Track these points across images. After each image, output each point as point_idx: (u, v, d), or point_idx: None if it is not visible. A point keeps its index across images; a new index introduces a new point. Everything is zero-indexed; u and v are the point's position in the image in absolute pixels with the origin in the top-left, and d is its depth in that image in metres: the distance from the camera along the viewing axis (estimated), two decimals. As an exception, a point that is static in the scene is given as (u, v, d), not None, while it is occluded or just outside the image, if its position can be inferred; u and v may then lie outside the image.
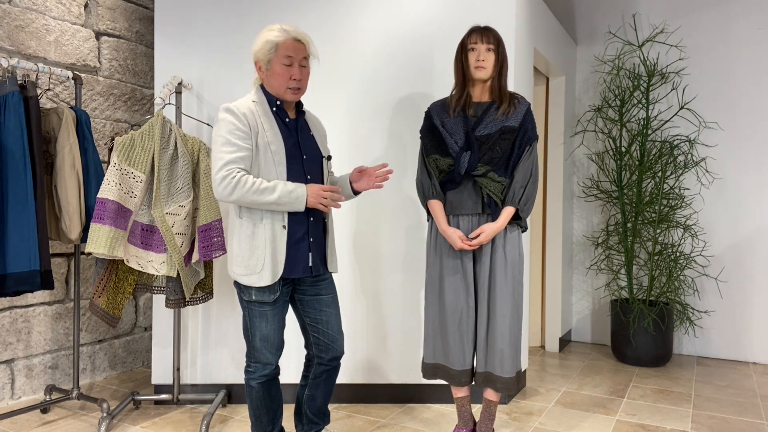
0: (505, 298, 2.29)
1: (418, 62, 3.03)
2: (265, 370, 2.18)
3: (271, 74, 2.09)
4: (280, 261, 2.07)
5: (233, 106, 2.05)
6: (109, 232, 2.49)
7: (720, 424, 2.88)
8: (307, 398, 2.33)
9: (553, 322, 4.27)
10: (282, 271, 2.08)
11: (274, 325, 2.14)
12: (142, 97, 3.79)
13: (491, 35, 2.29)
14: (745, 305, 4.04)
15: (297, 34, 2.08)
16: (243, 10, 3.04)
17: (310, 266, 2.16)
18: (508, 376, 2.29)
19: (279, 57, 2.06)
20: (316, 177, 2.19)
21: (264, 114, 2.09)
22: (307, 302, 2.24)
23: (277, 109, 2.14)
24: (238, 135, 2.01)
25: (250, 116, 2.05)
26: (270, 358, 2.17)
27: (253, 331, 2.15)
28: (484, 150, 2.27)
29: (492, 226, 2.27)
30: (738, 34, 4.03)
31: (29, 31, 3.13)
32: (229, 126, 2.01)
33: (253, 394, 2.20)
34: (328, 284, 2.27)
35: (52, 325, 3.26)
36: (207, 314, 3.09)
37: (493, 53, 2.28)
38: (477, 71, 2.28)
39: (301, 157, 2.14)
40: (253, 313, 2.13)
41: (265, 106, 2.11)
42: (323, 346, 2.27)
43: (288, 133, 2.13)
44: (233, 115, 2.02)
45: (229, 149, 1.99)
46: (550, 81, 4.28)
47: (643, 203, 4.01)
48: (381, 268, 3.05)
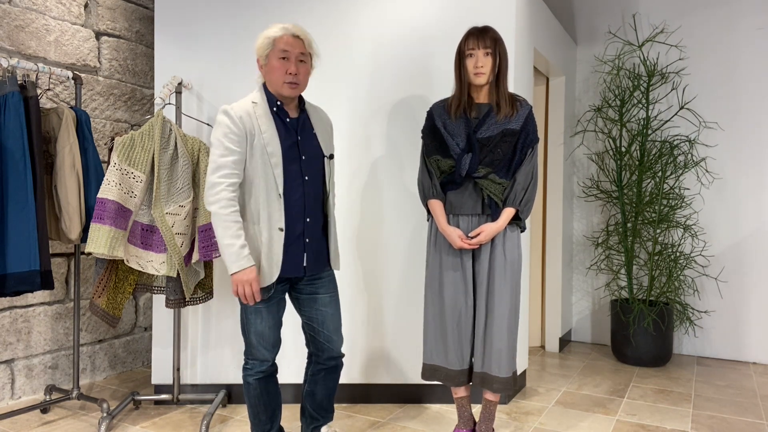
0: (503, 297, 2.29)
1: (417, 62, 3.02)
2: (262, 366, 2.21)
3: (269, 69, 2.11)
4: (276, 262, 2.09)
5: (230, 108, 2.07)
6: (109, 232, 2.49)
7: (720, 424, 2.88)
8: (307, 394, 2.38)
9: (553, 322, 4.27)
10: (278, 272, 2.10)
11: (269, 322, 2.17)
12: (142, 97, 3.79)
13: (488, 38, 2.26)
14: (745, 305, 4.04)
15: (296, 31, 2.11)
16: (243, 10, 3.04)
17: (304, 266, 2.18)
18: (504, 376, 2.29)
19: (276, 51, 2.09)
20: (314, 177, 2.19)
21: (263, 115, 2.10)
22: (303, 300, 2.27)
23: (278, 110, 2.15)
24: (231, 138, 2.04)
25: (246, 119, 2.07)
26: (265, 355, 2.20)
27: (248, 328, 2.18)
28: (485, 152, 2.28)
29: (492, 226, 2.28)
30: (738, 34, 4.03)
31: (29, 31, 3.13)
32: (224, 129, 2.06)
33: (251, 391, 2.23)
34: (327, 283, 2.28)
35: (52, 325, 3.26)
36: (207, 314, 3.09)
37: (491, 57, 2.27)
38: (476, 77, 2.28)
39: (299, 158, 2.15)
40: (249, 310, 2.16)
41: (265, 107, 2.13)
42: (319, 345, 2.30)
43: (287, 134, 2.14)
44: (229, 118, 2.06)
45: (221, 152, 2.05)
46: (550, 81, 4.28)
47: (643, 203, 4.01)
48: (382, 267, 3.05)
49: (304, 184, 2.15)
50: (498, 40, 2.29)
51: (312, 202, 2.18)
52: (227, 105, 2.09)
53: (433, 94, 3.01)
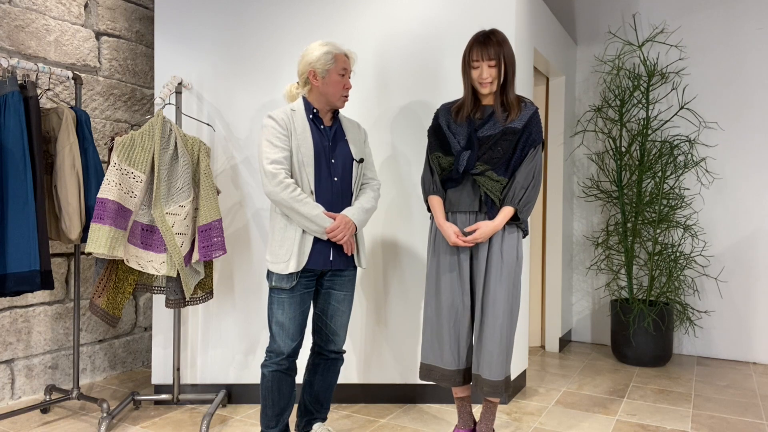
0: (498, 299, 2.27)
1: (416, 62, 3.02)
2: (278, 358, 2.30)
3: (328, 82, 2.29)
4: (305, 252, 2.25)
5: (273, 113, 2.29)
6: (109, 232, 2.49)
7: (720, 424, 2.88)
8: (305, 384, 2.50)
9: (553, 322, 4.27)
10: (305, 262, 2.25)
11: (289, 313, 2.28)
12: (142, 97, 3.79)
13: (492, 49, 2.25)
14: (745, 305, 4.04)
15: (348, 51, 2.35)
16: (243, 10, 3.04)
17: (331, 260, 2.31)
18: (495, 380, 2.26)
19: (337, 68, 2.29)
20: (344, 179, 2.35)
21: (300, 120, 2.29)
22: (321, 294, 2.41)
23: (313, 117, 2.33)
24: (278, 137, 2.24)
25: (287, 120, 2.28)
26: (282, 347, 2.29)
27: (270, 317, 2.31)
28: (484, 149, 2.27)
29: (489, 224, 2.26)
30: (738, 34, 4.03)
31: (29, 31, 3.13)
32: (271, 130, 2.25)
33: (264, 382, 2.33)
34: (346, 282, 2.41)
35: (52, 325, 3.26)
36: (207, 314, 3.09)
37: (496, 68, 2.26)
38: (482, 87, 2.30)
39: (329, 161, 2.31)
40: (272, 299, 2.30)
41: (302, 114, 2.31)
42: (324, 337, 2.44)
43: (320, 138, 2.32)
44: (273, 121, 2.26)
45: (272, 149, 2.23)
46: (550, 81, 4.28)
47: (643, 203, 4.01)
48: (382, 266, 3.05)
49: (333, 185, 2.31)
50: (503, 44, 2.27)
51: (340, 201, 2.33)
52: (270, 112, 2.29)
53: (433, 92, 3.01)
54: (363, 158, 2.41)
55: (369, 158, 2.48)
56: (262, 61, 3.04)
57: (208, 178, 2.70)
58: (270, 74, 3.05)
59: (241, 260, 3.06)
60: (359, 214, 2.33)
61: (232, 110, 3.05)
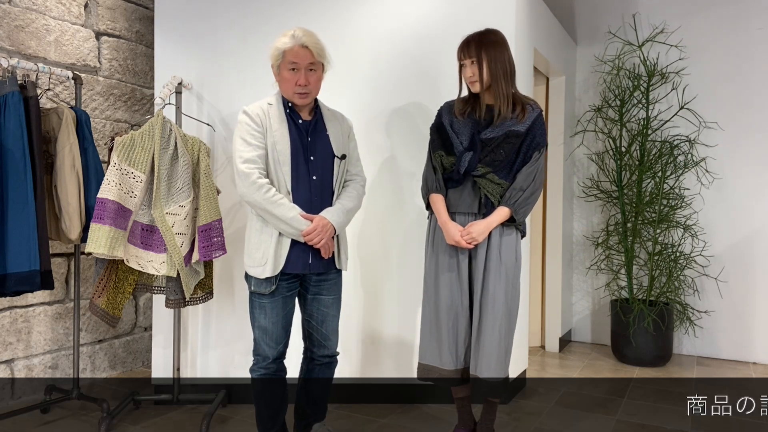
0: (497, 299, 2.27)
1: (416, 62, 3.02)
2: (264, 363, 2.24)
3: (281, 79, 2.21)
4: (282, 255, 2.16)
5: (248, 108, 2.19)
6: (109, 232, 2.49)
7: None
8: (301, 389, 2.44)
9: (553, 322, 4.27)
10: (282, 265, 2.15)
11: (272, 318, 2.21)
12: (142, 97, 3.79)
13: (472, 48, 2.27)
14: (745, 305, 4.03)
15: (304, 41, 2.14)
16: (242, 10, 3.04)
17: (310, 263, 2.22)
18: (493, 380, 2.25)
19: (285, 63, 2.15)
20: (323, 178, 2.22)
21: (276, 115, 2.19)
22: (308, 300, 2.33)
23: (290, 111, 2.22)
24: (252, 135, 2.14)
25: (262, 116, 2.17)
26: (267, 352, 2.23)
27: (253, 323, 2.26)
28: (486, 152, 2.27)
29: (481, 223, 2.25)
30: (738, 34, 4.03)
31: (29, 31, 3.13)
32: (245, 127, 2.16)
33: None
34: (332, 285, 2.34)
35: (52, 325, 3.26)
36: (207, 314, 3.09)
37: (477, 65, 2.26)
38: (472, 86, 2.32)
39: (307, 157, 2.19)
40: (254, 304, 2.23)
41: (279, 108, 2.22)
42: (315, 342, 2.37)
43: (298, 134, 2.20)
44: (247, 117, 2.17)
45: (246, 148, 2.13)
46: (550, 81, 4.28)
47: (643, 203, 4.00)
48: (381, 266, 3.05)
49: (312, 184, 2.19)
50: (486, 44, 2.26)
51: (320, 201, 2.21)
52: (246, 106, 2.18)
53: (431, 94, 3.00)
54: (345, 154, 2.27)
55: (354, 152, 2.34)
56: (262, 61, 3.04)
57: (208, 178, 2.70)
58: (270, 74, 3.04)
59: (241, 260, 3.02)
60: (339, 215, 2.19)
61: (232, 110, 3.05)
